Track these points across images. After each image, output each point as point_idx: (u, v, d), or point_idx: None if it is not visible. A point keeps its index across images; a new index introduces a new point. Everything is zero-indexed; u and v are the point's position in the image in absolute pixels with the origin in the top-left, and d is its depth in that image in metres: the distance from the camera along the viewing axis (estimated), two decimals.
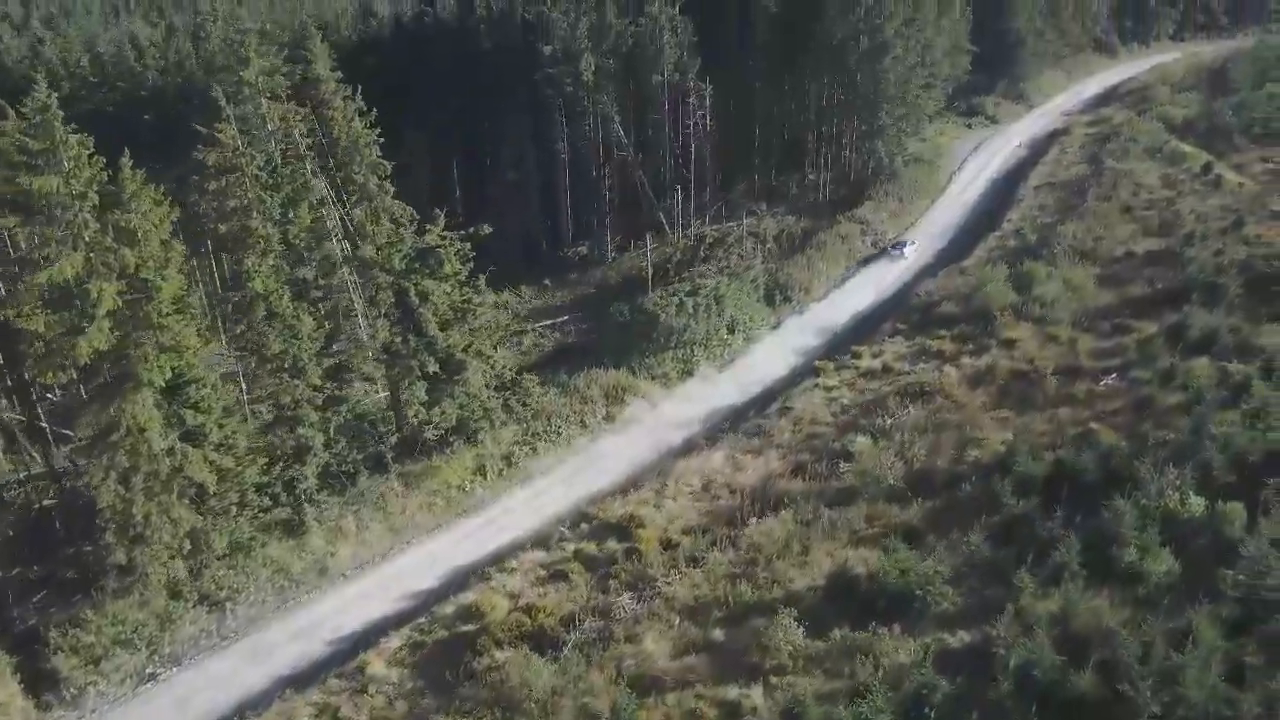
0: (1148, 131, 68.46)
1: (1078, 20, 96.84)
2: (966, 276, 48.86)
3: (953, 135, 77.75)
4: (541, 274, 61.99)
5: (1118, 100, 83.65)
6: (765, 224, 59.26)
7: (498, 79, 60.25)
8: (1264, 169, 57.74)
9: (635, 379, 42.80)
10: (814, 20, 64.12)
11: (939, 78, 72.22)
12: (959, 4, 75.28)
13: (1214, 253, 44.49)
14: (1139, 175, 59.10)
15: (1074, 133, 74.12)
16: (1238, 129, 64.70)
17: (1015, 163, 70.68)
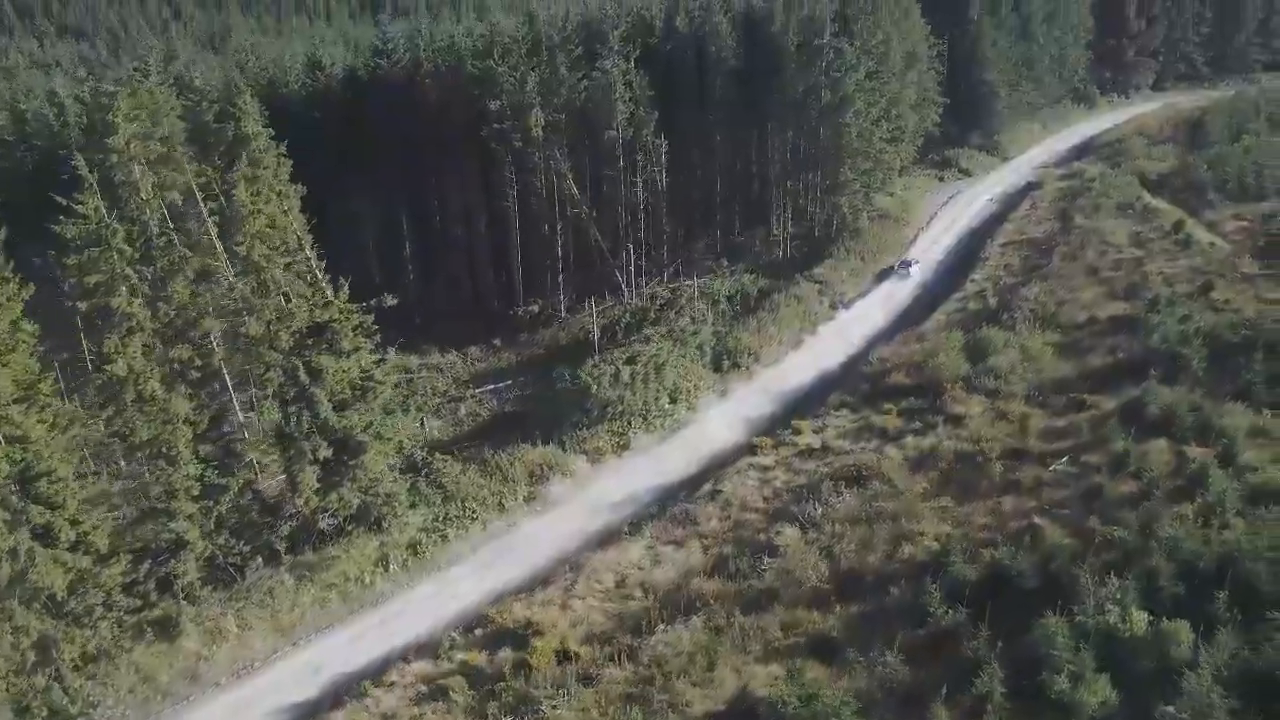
0: (1120, 187, 66.51)
1: (1055, 71, 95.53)
2: (923, 343, 46.38)
3: (923, 189, 75.88)
4: (492, 333, 59.67)
5: (1093, 153, 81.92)
6: (720, 284, 57.01)
7: (445, 133, 58.54)
8: (1236, 227, 55.54)
9: (564, 454, 40.17)
10: (774, 74, 62.58)
11: (906, 131, 70.50)
12: (927, 57, 73.70)
13: (1179, 319, 42.00)
14: (1108, 233, 56.92)
15: (1046, 187, 72.16)
16: (1211, 184, 62.63)
17: (985, 218, 68.63)
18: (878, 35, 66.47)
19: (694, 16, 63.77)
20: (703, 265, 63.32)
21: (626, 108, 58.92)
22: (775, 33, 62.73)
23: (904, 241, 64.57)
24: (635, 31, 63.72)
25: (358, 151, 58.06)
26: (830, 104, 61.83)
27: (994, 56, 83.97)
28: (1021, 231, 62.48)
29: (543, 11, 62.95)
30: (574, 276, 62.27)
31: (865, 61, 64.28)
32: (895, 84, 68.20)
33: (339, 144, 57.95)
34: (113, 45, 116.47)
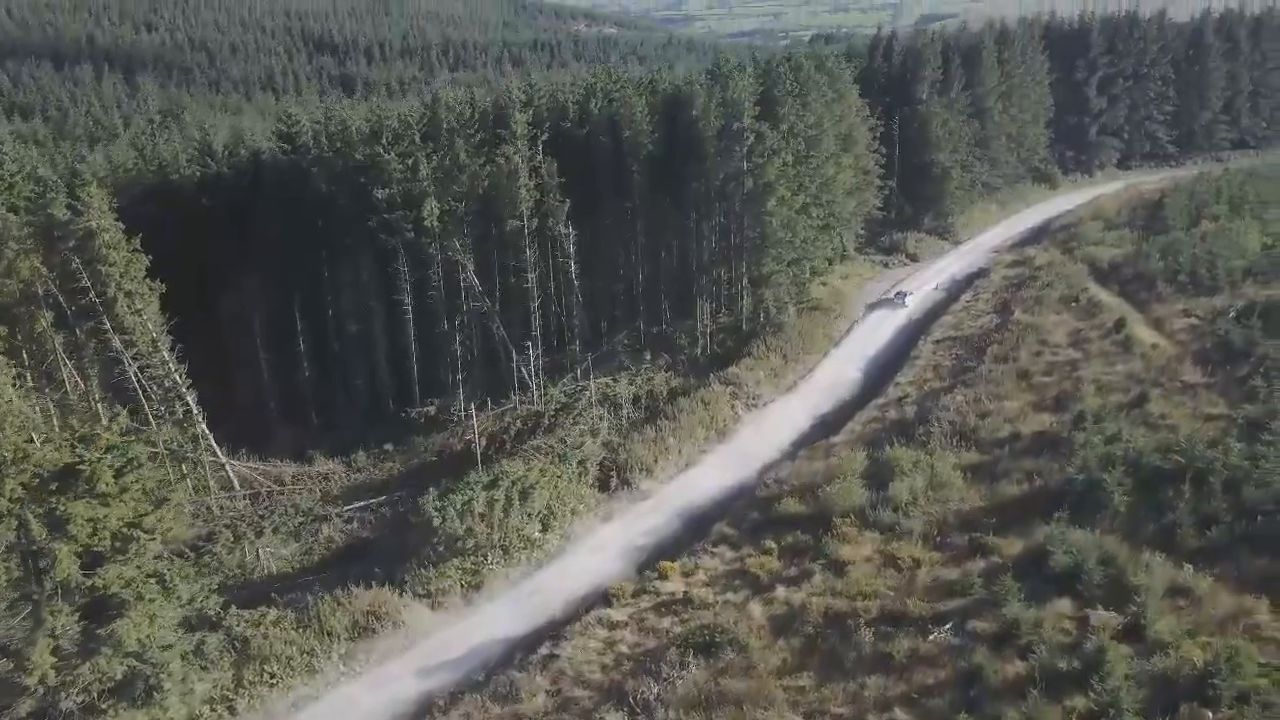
0: (1068, 276, 62.39)
1: (1013, 150, 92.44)
2: (828, 460, 41.57)
3: (865, 276, 71.88)
4: (386, 437, 54.98)
5: (1049, 236, 78.15)
6: (624, 385, 52.43)
7: (335, 223, 54.77)
8: (1184, 324, 51.09)
9: (402, 598, 35.05)
10: (695, 159, 59.05)
11: (840, 218, 66.76)
12: (864, 139, 70.29)
13: (1107, 439, 37.26)
14: (1047, 330, 52.51)
15: (993, 275, 68.10)
16: (1162, 275, 58.43)
17: (927, 309, 64.39)
18: (807, 118, 63.11)
19: (611, 99, 60.52)
20: (618, 362, 58.95)
21: (531, 195, 55.31)
22: (696, 116, 59.33)
23: (835, 336, 60.20)
24: (549, 114, 60.49)
25: (251, 242, 54.43)
26: (752, 192, 58.12)
27: (944, 136, 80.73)
28: (958, 326, 58.10)
29: (448, 94, 59.87)
30: (479, 375, 57.95)
31: (792, 145, 60.84)
32: (828, 168, 64.62)
33: (232, 234, 54.41)
34: (59, 123, 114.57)
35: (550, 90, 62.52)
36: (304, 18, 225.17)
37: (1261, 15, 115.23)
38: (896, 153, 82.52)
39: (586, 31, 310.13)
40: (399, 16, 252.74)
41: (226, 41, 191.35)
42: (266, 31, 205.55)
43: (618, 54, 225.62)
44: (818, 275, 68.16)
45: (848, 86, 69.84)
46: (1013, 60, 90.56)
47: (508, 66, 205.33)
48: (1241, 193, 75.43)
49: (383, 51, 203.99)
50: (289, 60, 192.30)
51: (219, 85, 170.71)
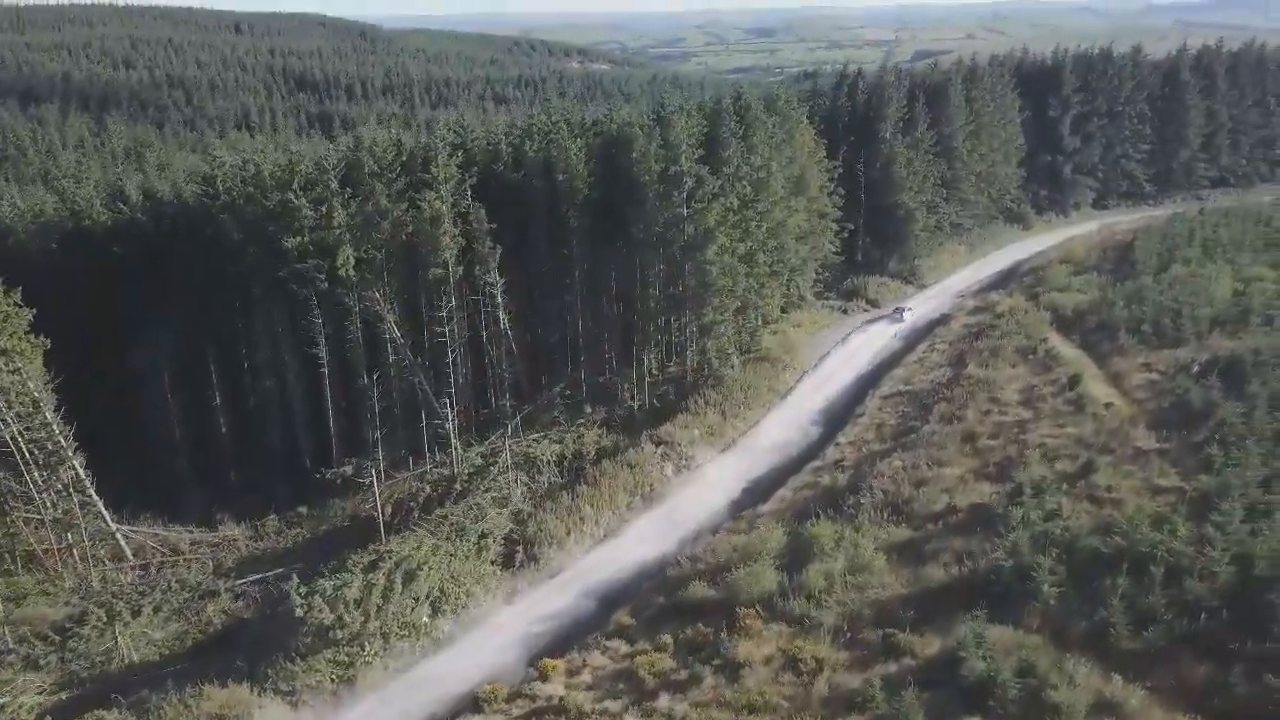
0: (1028, 325, 59.30)
1: (983, 190, 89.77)
2: (750, 534, 38.18)
3: (821, 324, 68.79)
4: (301, 498, 51.69)
5: (1016, 281, 75.21)
6: (546, 445, 49.09)
7: (247, 273, 51.78)
8: (1143, 380, 47.83)
9: (260, 698, 31.53)
10: (633, 204, 56.15)
11: (790, 264, 63.80)
12: (816, 182, 67.49)
13: (1045, 515, 33.92)
14: (1000, 386, 49.26)
15: (954, 323, 65.05)
16: (1125, 324, 55.28)
17: (883, 359, 61.28)
18: (753, 160, 60.38)
19: (548, 140, 57.76)
20: (552, 416, 55.73)
21: (455, 242, 52.40)
22: (636, 159, 56.52)
23: (782, 389, 56.96)
24: (482, 157, 57.81)
25: (165, 291, 51.57)
26: (692, 238, 55.18)
27: (907, 177, 78.03)
28: (909, 380, 54.90)
29: (371, 135, 57.19)
30: (402, 433, 54.65)
31: (737, 188, 58.05)
32: (777, 212, 61.75)
33: (147, 282, 51.57)
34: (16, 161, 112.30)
35: (485, 132, 59.67)
36: (287, 56, 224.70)
37: (1239, 51, 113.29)
38: (862, 194, 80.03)
39: (579, 68, 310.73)
40: (384, 55, 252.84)
41: (205, 79, 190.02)
42: (248, 69, 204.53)
43: (601, 91, 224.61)
44: (769, 323, 65.14)
45: (800, 125, 67.16)
46: (981, 98, 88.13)
47: (490, 104, 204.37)
48: (1215, 235, 72.53)
49: (364, 89, 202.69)
50: (268, 98, 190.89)
51: (194, 123, 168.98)
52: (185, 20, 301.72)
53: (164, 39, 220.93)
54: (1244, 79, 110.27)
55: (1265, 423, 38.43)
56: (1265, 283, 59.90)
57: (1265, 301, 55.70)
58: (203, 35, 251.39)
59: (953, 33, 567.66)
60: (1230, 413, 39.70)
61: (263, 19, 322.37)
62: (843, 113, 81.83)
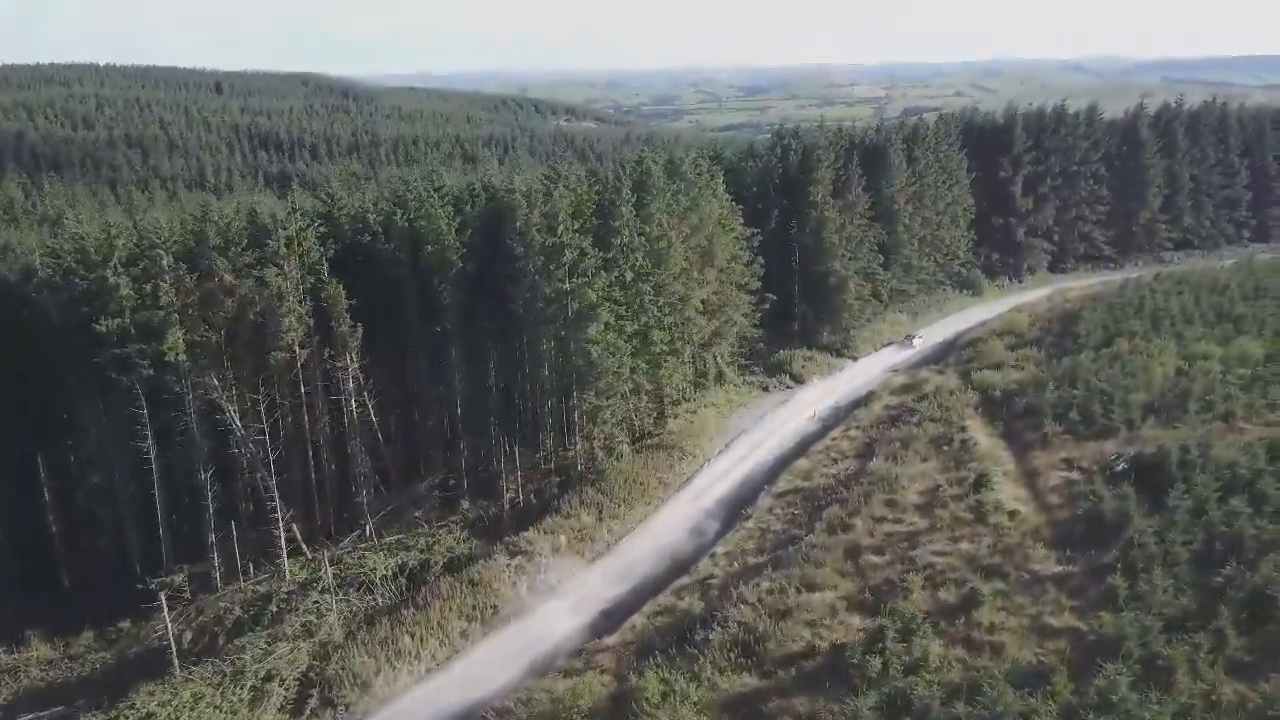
0: (950, 410, 53.85)
1: (928, 255, 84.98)
2: (577, 679, 32.24)
3: (737, 403, 63.34)
4: (126, 610, 45.79)
5: (954, 354, 69.92)
6: (381, 557, 43.24)
7: (64, 359, 46.54)
8: (1061, 479, 42.14)
9: None
10: (513, 279, 51.22)
11: (695, 339, 58.62)
12: (726, 252, 62.50)
13: (908, 666, 28.15)
14: (903, 485, 43.58)
15: (875, 404, 59.61)
16: (1052, 409, 49.80)
17: (789, 448, 55.69)
18: (649, 229, 55.55)
19: (420, 209, 52.91)
20: (420, 514, 50.09)
21: (303, 322, 47.29)
22: (520, 228, 51.62)
23: (675, 482, 51.28)
24: (346, 230, 53.07)
25: None
26: (576, 315, 50.05)
27: (839, 242, 73.21)
28: (810, 475, 49.26)
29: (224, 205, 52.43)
30: (251, 535, 48.88)
31: (630, 260, 53.16)
32: (678, 285, 56.73)
33: None
34: None
35: (352, 203, 54.86)
36: (256, 115, 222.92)
37: (1200, 110, 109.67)
38: (796, 260, 75.37)
39: (565, 126, 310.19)
40: (360, 114, 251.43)
41: (166, 138, 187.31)
42: (212, 128, 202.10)
43: (573, 149, 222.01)
44: (675, 404, 59.78)
45: (709, 187, 62.35)
46: (925, 159, 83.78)
47: (458, 161, 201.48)
48: (1165, 305, 67.36)
49: (329, 148, 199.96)
50: (229, 156, 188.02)
51: (147, 183, 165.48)
52: (167, 80, 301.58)
53: (132, 98, 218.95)
54: (1205, 138, 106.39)
55: (1181, 542, 32.79)
56: (1210, 361, 54.46)
57: (1207, 385, 50.21)
58: (177, 94, 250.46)
59: (943, 90, 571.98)
60: (1143, 529, 34.01)
61: (244, 78, 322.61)
62: (774, 175, 77.41)
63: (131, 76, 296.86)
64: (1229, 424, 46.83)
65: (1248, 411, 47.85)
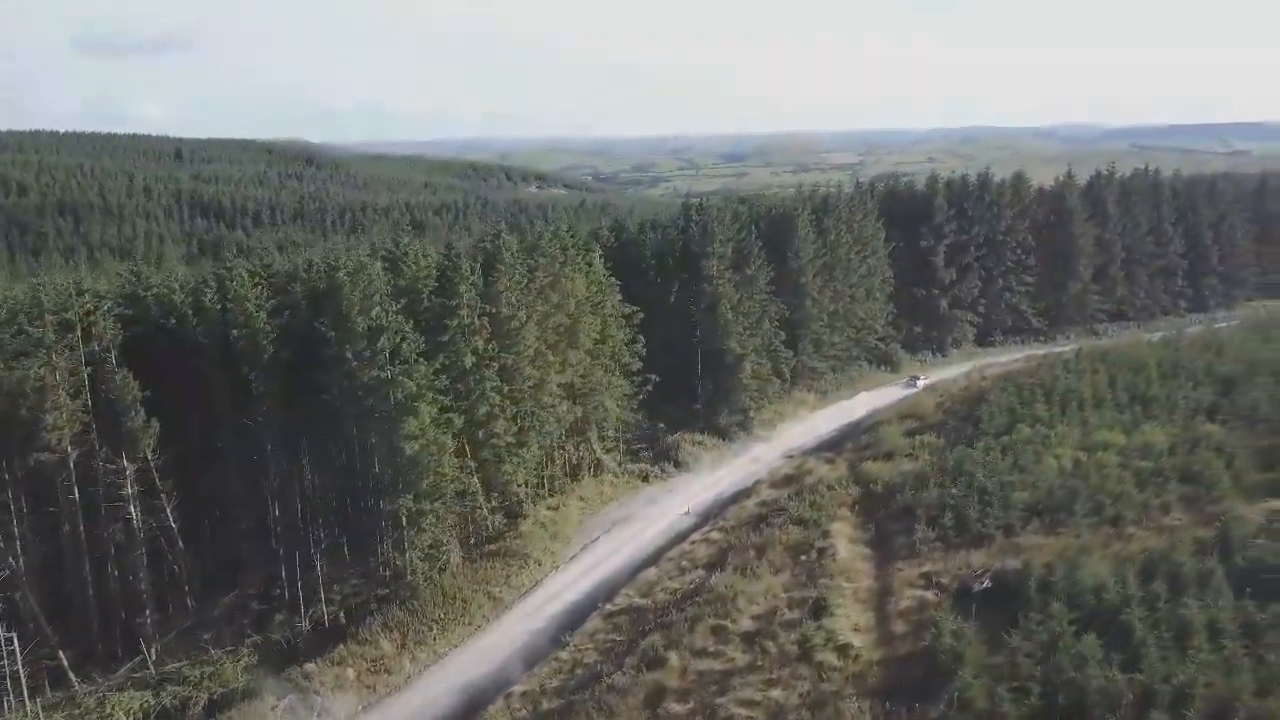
0: (823, 509, 48.45)
1: (842, 330, 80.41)
2: None
3: (609, 496, 57.77)
4: None
5: (852, 439, 64.74)
6: (125, 697, 37.01)
7: None
8: (916, 600, 36.64)
9: None
10: (332, 366, 45.98)
11: (556, 428, 53.31)
12: (591, 331, 57.49)
13: None
14: (738, 608, 37.93)
15: (751, 499, 54.28)
16: (928, 510, 44.51)
17: (652, 550, 50.05)
18: (498, 308, 50.65)
19: (229, 291, 47.79)
20: (207, 638, 43.88)
21: (76, 418, 41.80)
22: (344, 309, 46.52)
23: (509, 598, 45.39)
24: (155, 309, 47.97)
25: None
26: (393, 408, 44.68)
27: (735, 319, 68.47)
28: (652, 588, 43.56)
29: None
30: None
31: (470, 343, 48.11)
32: (531, 369, 51.61)
33: None
34: None
35: (154, 285, 49.76)
36: (205, 181, 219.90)
37: (1131, 178, 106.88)
38: (696, 339, 70.56)
39: (535, 193, 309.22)
40: (311, 180, 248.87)
41: (103, 205, 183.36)
42: (153, 196, 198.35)
43: (526, 216, 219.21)
44: (536, 501, 54.21)
45: (579, 258, 57.62)
46: (836, 229, 79.73)
47: (407, 229, 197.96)
48: (1077, 386, 62.50)
49: (273, 215, 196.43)
50: (166, 223, 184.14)
51: (75, 250, 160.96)
52: (127, 147, 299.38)
53: (75, 165, 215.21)
54: (1137, 207, 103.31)
55: (1011, 695, 27.27)
56: (1109, 453, 49.43)
57: (1099, 482, 45.05)
58: (130, 161, 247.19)
59: (917, 156, 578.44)
60: (971, 677, 28.48)
61: (204, 145, 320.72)
62: (675, 247, 73.13)
63: (90, 143, 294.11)
64: (1117, 529, 41.90)
65: (1139, 513, 42.88)
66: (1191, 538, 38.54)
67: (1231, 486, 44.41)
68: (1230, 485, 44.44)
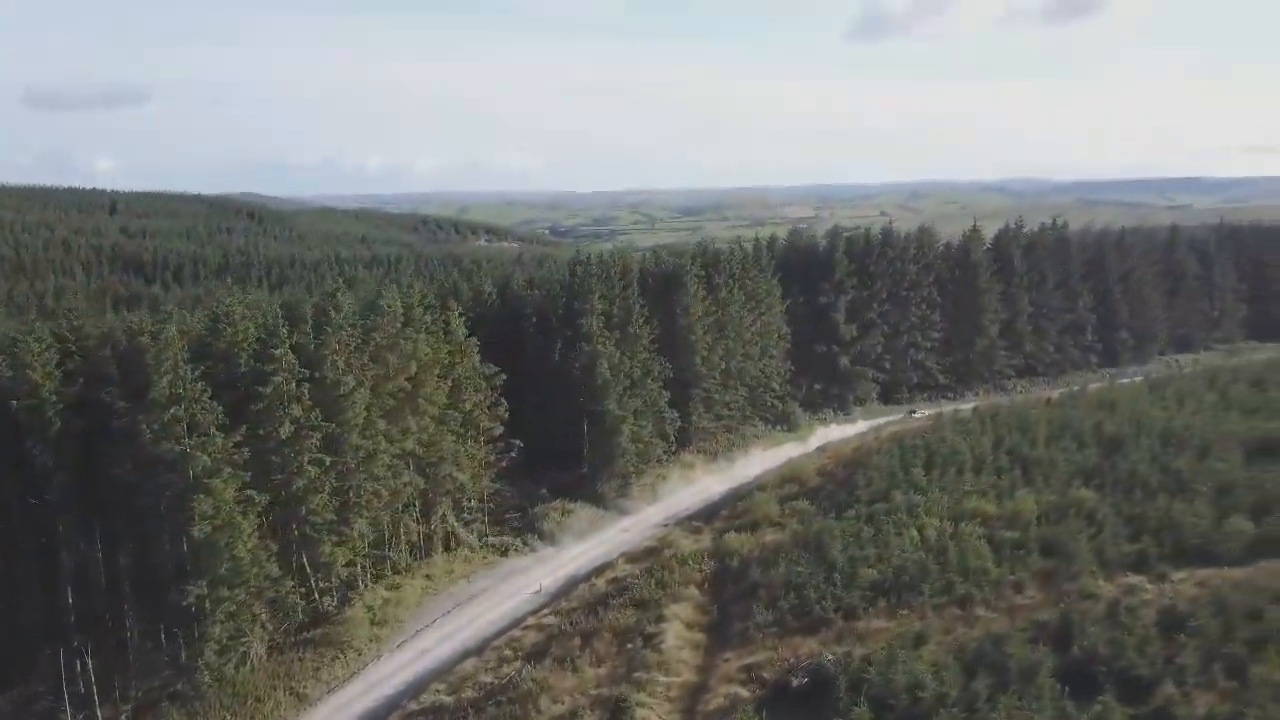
0: (665, 588, 45.04)
1: (735, 389, 77.69)
2: None
3: (460, 574, 53.86)
4: None
5: (728, 506, 61.52)
6: None
7: None
8: (729, 698, 33.11)
9: None
10: (109, 439, 42.07)
11: (379, 504, 49.47)
12: (440, 396, 53.97)
13: None
14: (535, 712, 34.17)
15: (604, 575, 50.67)
16: (770, 590, 41.25)
17: (487, 634, 46.11)
18: (323, 373, 47.07)
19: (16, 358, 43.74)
20: None
21: None
22: (138, 375, 42.71)
23: (315, 696, 41.10)
24: None
25: None
26: (189, 485, 40.72)
27: (613, 380, 65.42)
28: (464, 684, 39.39)
29: None
30: None
31: (287, 411, 44.34)
32: (358, 438, 47.92)
33: None
34: None
35: None
36: (130, 235, 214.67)
37: (1038, 233, 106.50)
38: (580, 401, 67.33)
39: (485, 246, 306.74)
40: (241, 234, 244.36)
41: (15, 259, 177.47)
42: (71, 250, 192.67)
43: (460, 270, 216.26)
44: (379, 580, 50.21)
45: (409, 329, 54.11)
46: (726, 285, 77.45)
47: (331, 282, 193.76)
48: (959, 448, 59.95)
49: (195, 270, 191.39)
50: (85, 277, 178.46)
51: None
52: (60, 200, 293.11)
53: None
54: (1045, 262, 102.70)
55: None
56: (975, 522, 46.63)
57: (958, 556, 42.08)
58: (49, 215, 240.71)
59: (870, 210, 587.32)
60: None
61: (142, 199, 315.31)
62: (558, 304, 70.35)
63: (30, 197, 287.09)
64: (964, 610, 39.00)
65: (991, 591, 40.00)
66: (1032, 621, 35.76)
67: (1093, 560, 41.88)
68: (1092, 559, 41.88)
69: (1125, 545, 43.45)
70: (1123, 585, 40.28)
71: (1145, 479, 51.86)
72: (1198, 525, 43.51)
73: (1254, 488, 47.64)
